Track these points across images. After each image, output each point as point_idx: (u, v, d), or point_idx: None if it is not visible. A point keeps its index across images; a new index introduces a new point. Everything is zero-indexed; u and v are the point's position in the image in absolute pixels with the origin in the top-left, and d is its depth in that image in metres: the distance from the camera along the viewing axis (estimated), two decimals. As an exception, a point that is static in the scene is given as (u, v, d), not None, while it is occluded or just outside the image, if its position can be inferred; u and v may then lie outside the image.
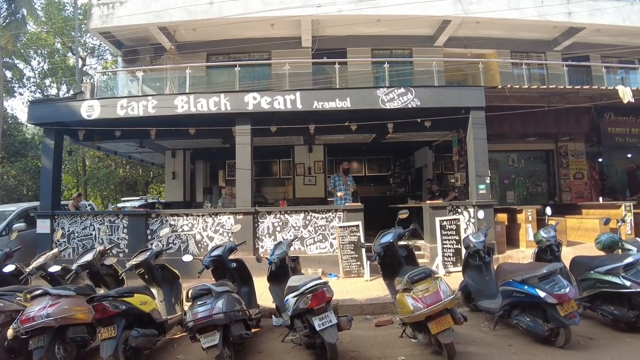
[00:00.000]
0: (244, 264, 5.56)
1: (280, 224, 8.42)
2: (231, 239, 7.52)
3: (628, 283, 4.51)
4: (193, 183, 13.75)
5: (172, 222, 8.53)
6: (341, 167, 9.81)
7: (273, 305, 5.35)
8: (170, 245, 8.34)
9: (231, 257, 5.47)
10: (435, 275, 4.19)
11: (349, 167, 9.89)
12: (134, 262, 5.18)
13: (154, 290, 5.06)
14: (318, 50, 11.52)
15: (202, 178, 13.93)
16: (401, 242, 5.18)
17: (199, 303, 4.01)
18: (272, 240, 8.22)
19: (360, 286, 7.12)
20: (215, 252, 5.31)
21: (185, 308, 4.32)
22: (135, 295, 4.25)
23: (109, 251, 5.85)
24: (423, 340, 4.35)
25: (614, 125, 10.65)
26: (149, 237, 8.49)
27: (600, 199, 11.82)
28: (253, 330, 5.00)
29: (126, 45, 12.28)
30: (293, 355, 4.41)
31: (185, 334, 4.82)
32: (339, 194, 9.22)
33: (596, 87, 9.73)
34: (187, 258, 5.38)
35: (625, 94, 8.87)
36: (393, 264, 5.01)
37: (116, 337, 3.87)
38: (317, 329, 3.89)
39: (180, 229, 8.50)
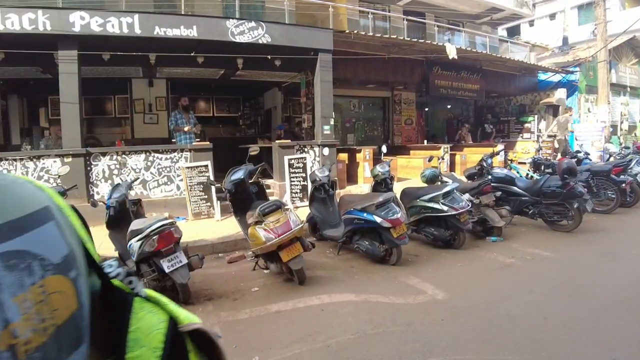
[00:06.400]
0: (76, 210, 4.86)
1: (118, 166, 7.56)
2: (59, 183, 6.58)
3: (445, 208, 5.40)
4: (6, 123, 11.25)
5: (-21, 170, 6.91)
6: (180, 104, 8.81)
7: (115, 254, 4.87)
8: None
9: (60, 204, 4.75)
10: (286, 207, 4.35)
11: (189, 103, 8.79)
12: None
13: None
14: (159, -29, 10.12)
15: (18, 117, 11.43)
16: (252, 180, 5.19)
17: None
18: (109, 184, 7.34)
19: (211, 227, 7.00)
20: (39, 200, 4.53)
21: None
22: None
23: None
24: (275, 270, 4.55)
25: (440, 78, 12.16)
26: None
27: (425, 141, 13.75)
28: (93, 281, 4.51)
29: None
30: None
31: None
32: (185, 128, 8.47)
33: (429, 42, 10.89)
34: None
35: (451, 51, 10.27)
36: (244, 200, 5.02)
37: None
38: (167, 271, 3.74)
39: (-8, 178, 6.94)
